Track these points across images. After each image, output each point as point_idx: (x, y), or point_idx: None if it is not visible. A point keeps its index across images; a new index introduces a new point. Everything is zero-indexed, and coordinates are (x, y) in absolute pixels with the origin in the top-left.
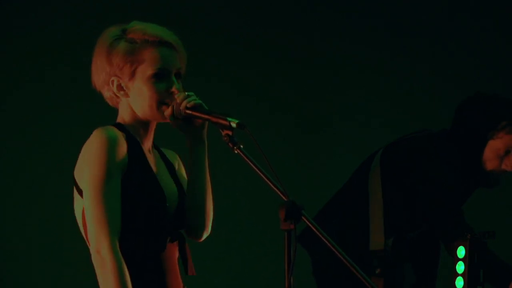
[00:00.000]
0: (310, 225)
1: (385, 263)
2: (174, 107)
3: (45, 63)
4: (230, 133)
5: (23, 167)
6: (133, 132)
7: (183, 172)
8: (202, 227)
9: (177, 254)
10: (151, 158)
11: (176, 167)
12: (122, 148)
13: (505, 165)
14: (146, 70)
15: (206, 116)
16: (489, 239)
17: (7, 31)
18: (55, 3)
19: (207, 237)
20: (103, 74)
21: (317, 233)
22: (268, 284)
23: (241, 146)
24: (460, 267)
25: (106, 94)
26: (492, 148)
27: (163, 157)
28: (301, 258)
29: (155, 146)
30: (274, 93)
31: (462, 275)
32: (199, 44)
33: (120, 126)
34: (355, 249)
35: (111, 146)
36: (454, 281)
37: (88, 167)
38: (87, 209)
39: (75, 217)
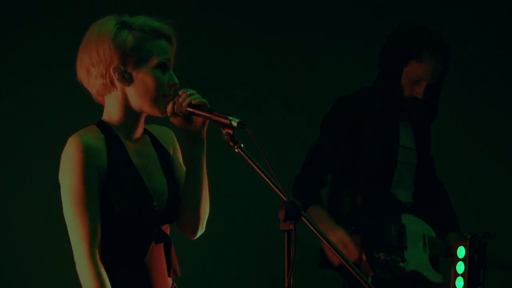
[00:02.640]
0: (309, 224)
1: (357, 219)
2: (176, 103)
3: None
4: (231, 131)
5: (20, 168)
6: (119, 127)
7: (179, 155)
8: (196, 225)
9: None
10: (138, 153)
11: (171, 151)
12: (99, 154)
13: (416, 93)
14: (152, 60)
15: (208, 114)
16: (489, 239)
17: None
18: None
19: (207, 237)
20: (101, 62)
21: (316, 232)
22: (268, 284)
23: (242, 145)
24: (460, 267)
25: (98, 82)
26: (405, 75)
27: (156, 144)
28: (301, 258)
29: (146, 131)
30: (274, 92)
31: (462, 275)
32: (198, 43)
33: (102, 125)
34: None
35: (86, 154)
36: (454, 281)
37: (64, 177)
38: (66, 220)
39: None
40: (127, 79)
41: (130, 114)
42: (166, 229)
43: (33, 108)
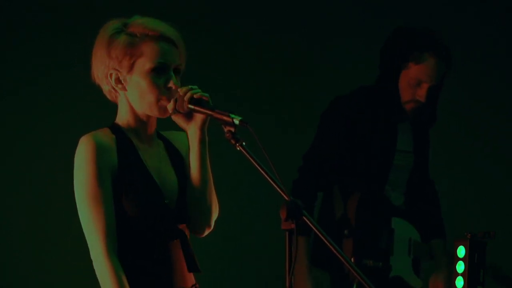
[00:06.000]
0: (310, 224)
1: (350, 224)
2: (178, 101)
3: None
4: (232, 129)
5: (20, 168)
6: (129, 129)
7: None
8: (203, 223)
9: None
10: (149, 154)
11: (184, 154)
12: (110, 153)
13: (418, 96)
14: (144, 64)
15: (209, 112)
16: (489, 239)
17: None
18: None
19: (208, 234)
20: (102, 67)
21: (317, 232)
22: (268, 284)
23: (244, 143)
24: (460, 267)
25: (105, 87)
26: (405, 78)
27: (169, 146)
28: None
29: (159, 135)
30: (274, 92)
31: (462, 275)
32: (198, 43)
33: (114, 127)
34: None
35: (97, 152)
36: (454, 281)
37: (76, 176)
38: (81, 218)
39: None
40: (123, 84)
41: (137, 117)
42: (185, 228)
43: (33, 108)
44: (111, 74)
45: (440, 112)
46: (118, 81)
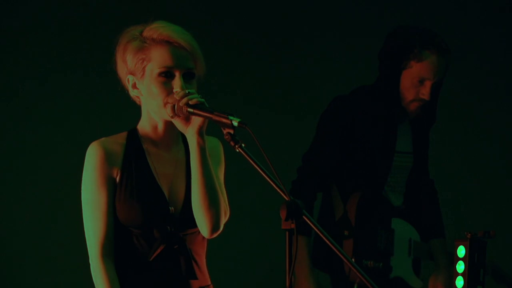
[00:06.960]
0: (311, 224)
1: (350, 224)
2: (175, 105)
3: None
4: (231, 131)
5: (20, 168)
6: (146, 134)
7: (218, 168)
8: (210, 226)
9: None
10: (162, 159)
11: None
12: (115, 157)
13: (422, 94)
14: (153, 68)
15: (208, 115)
16: (489, 238)
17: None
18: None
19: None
20: (123, 73)
21: (318, 232)
22: (268, 284)
23: (243, 145)
24: (460, 266)
25: (130, 92)
26: (407, 78)
27: (188, 152)
28: None
29: (184, 140)
30: (274, 92)
31: (462, 274)
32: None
33: (130, 132)
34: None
35: (102, 159)
36: (454, 280)
37: (83, 181)
38: (84, 222)
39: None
40: (138, 89)
41: (153, 121)
42: (193, 235)
43: (33, 108)
44: (128, 80)
45: (440, 112)
46: (134, 86)
